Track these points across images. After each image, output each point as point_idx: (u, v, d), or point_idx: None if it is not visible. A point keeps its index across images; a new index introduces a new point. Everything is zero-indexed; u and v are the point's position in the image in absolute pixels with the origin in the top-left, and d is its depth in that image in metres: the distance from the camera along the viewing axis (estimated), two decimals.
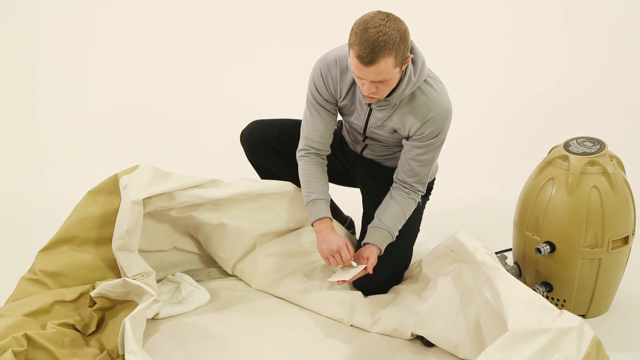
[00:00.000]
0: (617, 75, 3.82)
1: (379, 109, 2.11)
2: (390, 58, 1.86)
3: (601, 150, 2.12)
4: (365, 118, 2.17)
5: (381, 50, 1.84)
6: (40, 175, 3.34)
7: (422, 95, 2.06)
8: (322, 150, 2.26)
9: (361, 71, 1.90)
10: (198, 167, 3.21)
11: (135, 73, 3.99)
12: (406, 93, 2.03)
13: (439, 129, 2.09)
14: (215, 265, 2.50)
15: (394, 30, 1.85)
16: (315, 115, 2.21)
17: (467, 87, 3.79)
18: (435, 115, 2.07)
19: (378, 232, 2.19)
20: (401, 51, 1.88)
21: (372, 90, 1.95)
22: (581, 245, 2.10)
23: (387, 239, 2.19)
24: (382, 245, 2.19)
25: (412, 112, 2.08)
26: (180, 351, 2.04)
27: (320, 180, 2.24)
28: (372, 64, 1.86)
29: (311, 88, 2.18)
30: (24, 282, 2.15)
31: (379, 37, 1.83)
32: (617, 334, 2.15)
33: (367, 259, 2.14)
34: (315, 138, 2.23)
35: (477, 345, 1.93)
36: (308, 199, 2.22)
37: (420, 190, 2.22)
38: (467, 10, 4.07)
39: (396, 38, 1.85)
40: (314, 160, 2.25)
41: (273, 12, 4.13)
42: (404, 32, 1.88)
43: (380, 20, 1.85)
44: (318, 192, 2.21)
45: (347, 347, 2.09)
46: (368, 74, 1.90)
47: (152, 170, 2.19)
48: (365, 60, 1.86)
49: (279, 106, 3.44)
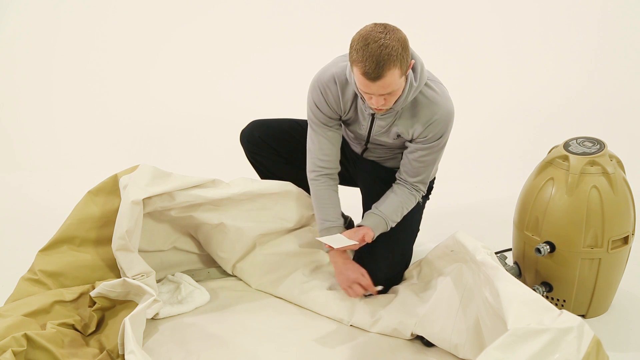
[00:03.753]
0: (617, 75, 3.82)
1: (382, 117, 2.11)
2: (395, 70, 1.86)
3: (601, 150, 2.11)
4: (368, 127, 2.17)
5: (386, 63, 1.83)
6: (41, 175, 3.34)
7: (424, 99, 2.06)
8: (331, 169, 2.25)
9: (368, 87, 1.89)
10: (198, 167, 3.21)
11: (136, 73, 4.00)
12: (409, 99, 2.03)
13: (443, 130, 2.09)
14: (215, 265, 2.50)
15: (394, 41, 1.84)
16: (319, 134, 2.20)
17: (467, 87, 3.79)
18: (439, 117, 2.07)
19: (373, 217, 2.19)
20: (405, 60, 1.88)
21: (381, 103, 1.94)
22: (581, 245, 2.10)
23: (380, 225, 2.19)
24: (376, 230, 2.19)
25: (415, 116, 2.08)
26: (180, 351, 2.04)
27: (333, 206, 2.25)
28: (379, 79, 1.86)
29: (312, 109, 2.17)
30: (23, 282, 2.15)
31: (382, 51, 1.82)
32: (617, 334, 2.15)
33: (363, 235, 2.14)
34: (322, 157, 2.23)
35: (477, 345, 1.93)
36: (322, 226, 2.24)
37: (422, 190, 2.23)
38: (468, 11, 4.07)
39: (398, 49, 1.84)
40: (325, 184, 2.25)
41: (273, 14, 4.14)
42: (404, 41, 1.88)
43: (379, 33, 1.84)
44: (332, 219, 2.23)
45: (347, 347, 2.09)
46: (376, 88, 1.89)
47: (152, 170, 2.19)
48: (371, 76, 1.85)
49: (278, 106, 3.45)
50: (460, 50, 4.00)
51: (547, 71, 3.89)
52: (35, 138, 3.62)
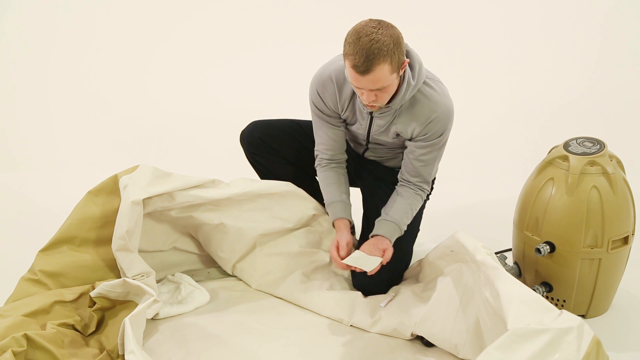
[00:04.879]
0: (617, 75, 3.82)
1: (381, 116, 2.11)
2: (385, 65, 1.86)
3: (601, 150, 2.11)
4: (367, 126, 2.17)
5: (376, 57, 1.84)
6: (41, 175, 3.34)
7: (423, 98, 2.06)
8: (334, 159, 2.29)
9: (358, 81, 1.90)
10: (198, 167, 3.21)
11: (136, 73, 3.99)
12: (407, 97, 2.03)
13: (442, 129, 2.09)
14: (215, 265, 2.50)
15: (386, 37, 1.85)
16: (320, 127, 2.25)
17: (467, 87, 3.79)
18: (438, 116, 2.07)
19: (386, 224, 2.19)
20: (396, 57, 1.88)
21: (372, 98, 1.95)
22: (581, 246, 2.10)
23: (395, 231, 2.19)
24: (392, 237, 2.18)
25: (414, 115, 2.08)
26: (180, 351, 2.04)
27: (337, 184, 2.29)
28: (367, 73, 1.86)
29: (311, 105, 2.22)
30: (23, 282, 2.15)
31: (373, 45, 1.83)
32: (617, 334, 2.15)
33: (384, 251, 2.14)
34: (323, 148, 2.28)
35: (477, 345, 1.93)
36: (326, 205, 2.29)
37: (426, 189, 2.23)
38: (468, 11, 4.07)
39: (389, 44, 1.85)
40: (328, 167, 2.30)
41: (272, 13, 4.14)
42: (397, 38, 1.88)
43: (372, 28, 1.85)
44: (334, 196, 2.27)
45: (347, 347, 2.09)
46: (365, 82, 1.90)
47: (152, 170, 2.20)
48: (360, 69, 1.86)
49: (279, 106, 3.45)
50: (461, 51, 4.00)
51: (547, 71, 3.89)
52: (34, 138, 3.62)
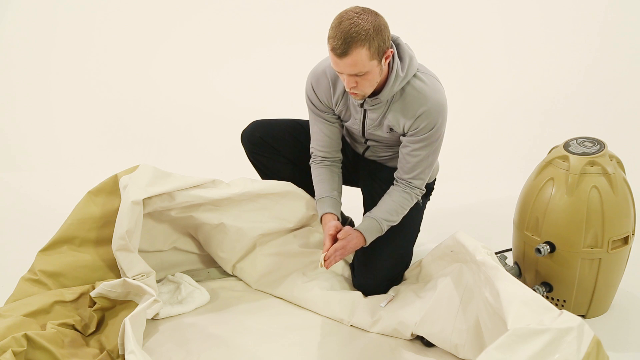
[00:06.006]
0: (617, 75, 3.82)
1: (372, 109, 2.11)
2: (363, 49, 1.87)
3: (601, 150, 2.12)
4: (361, 121, 2.18)
5: (353, 41, 1.86)
6: (41, 175, 3.34)
7: (413, 90, 2.06)
8: (328, 157, 2.30)
9: (337, 64, 1.93)
10: (198, 167, 3.21)
11: (136, 73, 3.99)
12: (395, 89, 2.04)
13: (433, 123, 2.08)
14: (215, 265, 2.50)
15: (367, 22, 1.87)
16: (315, 122, 2.26)
17: (467, 87, 3.79)
18: (428, 109, 2.06)
19: (365, 220, 2.20)
20: (375, 43, 1.89)
21: (352, 84, 1.96)
22: (581, 246, 2.10)
23: (374, 228, 2.18)
24: (367, 233, 2.17)
25: (404, 107, 2.08)
26: (180, 351, 2.04)
27: (329, 181, 2.28)
28: (345, 56, 1.88)
29: (307, 101, 2.24)
30: (23, 282, 2.15)
31: (352, 29, 1.86)
32: (617, 334, 2.15)
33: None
34: (318, 146, 2.29)
35: (477, 345, 1.93)
36: (316, 198, 2.29)
37: (418, 187, 2.20)
38: (468, 10, 4.07)
39: (369, 29, 1.87)
40: (322, 164, 2.30)
41: (273, 12, 4.14)
42: (379, 25, 1.89)
43: (354, 13, 1.88)
44: (324, 192, 2.27)
45: (347, 347, 2.09)
46: (343, 66, 1.91)
47: (152, 170, 2.20)
48: (338, 52, 1.88)
49: (279, 106, 3.45)
50: (460, 50, 4.00)
51: (547, 71, 3.89)
52: (34, 138, 3.62)
